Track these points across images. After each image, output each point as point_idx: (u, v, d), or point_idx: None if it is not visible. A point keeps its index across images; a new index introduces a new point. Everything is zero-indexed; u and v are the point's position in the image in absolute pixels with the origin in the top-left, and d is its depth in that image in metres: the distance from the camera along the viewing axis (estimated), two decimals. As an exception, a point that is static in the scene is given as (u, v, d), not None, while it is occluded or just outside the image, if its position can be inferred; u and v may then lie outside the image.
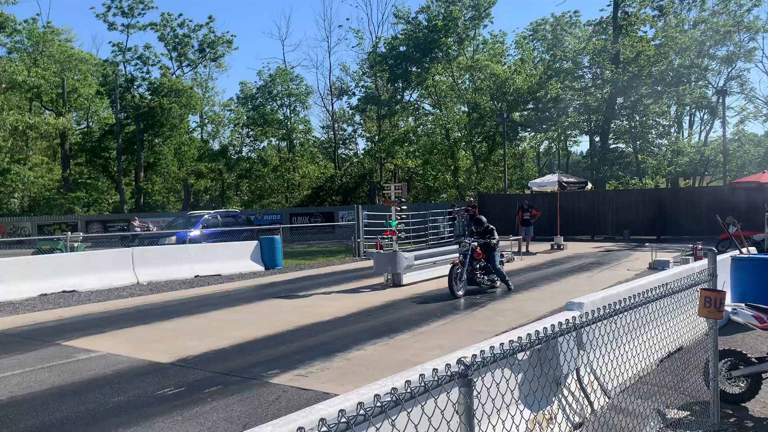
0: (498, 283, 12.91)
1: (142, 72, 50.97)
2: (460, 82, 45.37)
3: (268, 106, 50.31)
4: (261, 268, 18.67)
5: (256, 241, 19.44)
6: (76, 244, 19.24)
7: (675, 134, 43.59)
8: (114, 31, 51.02)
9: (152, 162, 49.95)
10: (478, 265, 12.50)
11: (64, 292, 14.21)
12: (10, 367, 7.63)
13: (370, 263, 17.50)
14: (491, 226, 12.65)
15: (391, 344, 8.42)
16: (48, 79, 45.52)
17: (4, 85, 38.44)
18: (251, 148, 53.42)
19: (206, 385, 6.62)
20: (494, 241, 12.43)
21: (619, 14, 39.49)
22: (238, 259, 18.50)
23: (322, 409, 2.84)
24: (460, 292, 11.99)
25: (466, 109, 44.82)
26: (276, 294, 13.62)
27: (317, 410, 2.83)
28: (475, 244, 12.34)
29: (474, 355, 2.16)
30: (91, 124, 55.20)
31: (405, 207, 15.01)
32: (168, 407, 5.92)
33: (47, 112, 49.87)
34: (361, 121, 52.50)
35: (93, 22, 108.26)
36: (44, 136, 48.16)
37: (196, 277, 17.03)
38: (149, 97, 48.81)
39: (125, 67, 51.08)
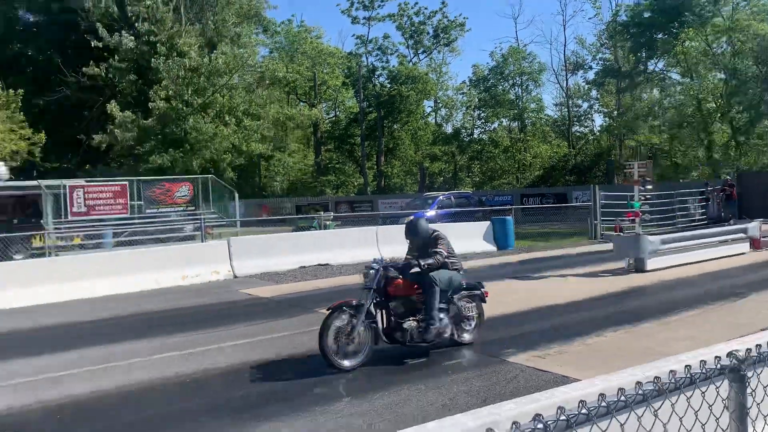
0: (467, 336, 7.37)
1: (382, 62, 54.46)
2: (715, 46, 40.41)
3: (500, 87, 50.25)
4: (493, 248, 18.81)
5: (489, 222, 19.64)
6: (328, 222, 21.25)
7: None
8: (357, 25, 55.12)
9: (391, 147, 53.17)
10: (402, 309, 6.89)
11: (319, 265, 15.80)
12: (278, 330, 8.75)
13: (605, 247, 16.63)
14: (437, 233, 7.43)
15: (634, 332, 7.96)
16: (302, 73, 50.72)
17: (267, 82, 43.64)
18: (482, 129, 53.98)
19: (446, 358, 6.92)
20: (431, 261, 6.96)
21: None
22: (471, 238, 18.83)
23: (565, 392, 2.80)
24: (347, 363, 6.50)
25: (723, 76, 39.84)
26: (509, 274, 13.62)
27: (561, 392, 2.79)
28: (397, 272, 7.00)
29: (748, 350, 1.96)
30: (338, 113, 60.26)
31: (650, 187, 13.82)
32: (412, 377, 6.31)
33: (301, 104, 55.55)
34: (598, 95, 49.72)
35: (339, 18, 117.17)
36: (300, 126, 53.75)
37: (432, 255, 17.72)
38: (388, 86, 51.90)
39: (367, 58, 54.85)
